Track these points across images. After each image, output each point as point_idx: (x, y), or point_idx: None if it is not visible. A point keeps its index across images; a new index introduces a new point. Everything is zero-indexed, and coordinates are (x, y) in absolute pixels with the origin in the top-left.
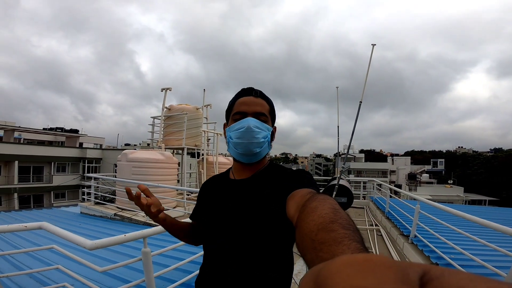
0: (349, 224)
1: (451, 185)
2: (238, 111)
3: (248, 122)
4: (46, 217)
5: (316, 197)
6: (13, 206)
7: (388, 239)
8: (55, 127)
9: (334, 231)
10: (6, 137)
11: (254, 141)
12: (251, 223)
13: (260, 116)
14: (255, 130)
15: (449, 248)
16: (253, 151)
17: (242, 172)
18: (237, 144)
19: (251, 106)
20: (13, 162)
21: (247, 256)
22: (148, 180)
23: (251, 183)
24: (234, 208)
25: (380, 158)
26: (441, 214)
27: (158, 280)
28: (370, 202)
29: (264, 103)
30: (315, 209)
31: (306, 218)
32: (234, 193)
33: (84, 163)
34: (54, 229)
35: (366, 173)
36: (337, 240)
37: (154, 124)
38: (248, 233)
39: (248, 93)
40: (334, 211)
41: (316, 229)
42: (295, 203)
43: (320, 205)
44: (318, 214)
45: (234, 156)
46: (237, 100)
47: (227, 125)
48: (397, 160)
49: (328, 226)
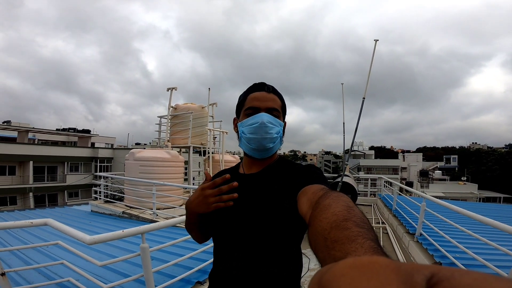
0: (363, 222)
1: (465, 182)
2: (251, 106)
3: (262, 118)
4: (57, 215)
5: (329, 194)
6: (28, 205)
7: (394, 237)
8: (68, 128)
9: (347, 229)
10: (21, 138)
11: (268, 136)
12: (259, 218)
13: (273, 111)
14: (269, 125)
15: (454, 246)
16: (266, 146)
17: (252, 167)
18: (250, 139)
19: (263, 101)
20: (27, 162)
21: (253, 251)
22: (155, 179)
23: (261, 178)
24: (243, 202)
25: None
26: (447, 212)
27: (157, 275)
28: (378, 199)
29: (276, 98)
30: (329, 207)
31: (319, 216)
32: (243, 188)
33: (96, 163)
34: (57, 225)
35: (377, 170)
36: (351, 238)
37: (161, 123)
38: (255, 228)
39: (260, 88)
40: (347, 209)
41: (329, 227)
42: (308, 200)
43: (334, 202)
44: (331, 212)
45: (246, 151)
46: (249, 95)
47: (238, 120)
48: (409, 157)
49: (342, 224)
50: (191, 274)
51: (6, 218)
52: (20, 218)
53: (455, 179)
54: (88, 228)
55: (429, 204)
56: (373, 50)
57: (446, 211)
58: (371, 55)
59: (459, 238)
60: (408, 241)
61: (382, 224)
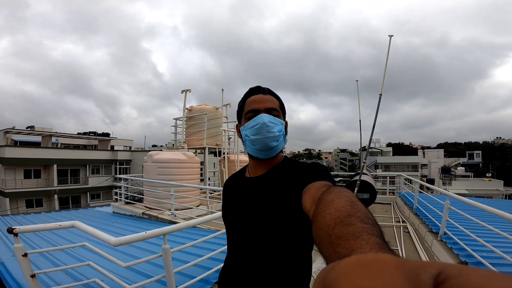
0: (367, 217)
1: (490, 179)
2: (250, 109)
3: (263, 118)
4: (82, 217)
5: (332, 189)
6: (53, 207)
7: (415, 236)
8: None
9: (352, 225)
10: (45, 143)
11: (270, 135)
12: (265, 222)
13: (272, 111)
14: (270, 124)
15: (480, 245)
16: (270, 145)
17: (257, 169)
18: (254, 140)
19: (262, 103)
20: (52, 166)
21: (260, 254)
22: (172, 180)
23: (266, 180)
24: (249, 206)
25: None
26: (472, 210)
27: (177, 276)
28: (398, 197)
29: (273, 99)
30: (331, 202)
31: (322, 212)
32: (248, 192)
33: (116, 165)
34: (84, 227)
35: (395, 167)
36: (355, 234)
37: (176, 125)
38: (262, 232)
39: (256, 91)
40: (351, 204)
41: (333, 223)
42: (311, 196)
43: (337, 198)
44: (334, 208)
45: (251, 153)
46: (247, 100)
47: (240, 125)
48: (429, 153)
49: (346, 219)
50: (210, 274)
51: (35, 220)
52: (47, 220)
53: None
54: (110, 229)
55: (452, 202)
56: (388, 45)
57: (471, 209)
58: (385, 47)
59: (485, 237)
60: (432, 240)
61: (402, 223)
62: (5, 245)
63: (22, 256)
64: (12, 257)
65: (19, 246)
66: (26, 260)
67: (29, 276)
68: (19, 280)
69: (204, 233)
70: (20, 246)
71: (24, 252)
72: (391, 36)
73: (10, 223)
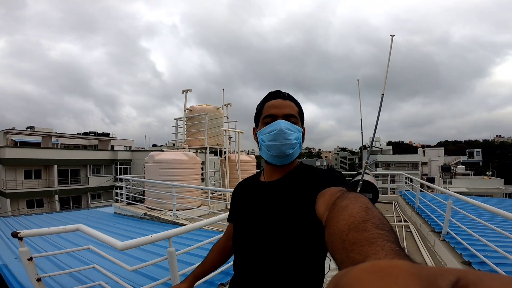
0: (383, 223)
1: (490, 177)
2: (268, 114)
3: (280, 125)
4: (83, 218)
5: (346, 195)
6: (54, 208)
7: (418, 235)
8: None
9: (366, 231)
10: (45, 143)
11: (287, 142)
12: (280, 228)
13: (290, 117)
14: (287, 132)
15: (483, 245)
16: (286, 152)
17: (273, 174)
18: (270, 146)
19: (280, 108)
20: (52, 166)
21: (273, 261)
22: (174, 180)
23: (282, 185)
24: (264, 211)
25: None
26: (474, 209)
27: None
28: (399, 196)
29: (292, 105)
30: (346, 208)
31: (336, 217)
32: (263, 196)
33: (116, 165)
34: (89, 231)
35: (395, 166)
36: (370, 240)
37: (177, 125)
38: (275, 238)
39: (276, 96)
40: (366, 210)
41: (347, 229)
42: (325, 202)
43: (351, 203)
44: (349, 213)
45: (266, 159)
46: (266, 104)
47: (257, 129)
48: (429, 152)
49: (360, 225)
50: (214, 276)
51: (37, 221)
52: (49, 221)
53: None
54: (113, 230)
55: (455, 201)
56: (390, 45)
57: (473, 208)
58: (386, 45)
59: (488, 237)
60: (434, 240)
61: (404, 223)
62: (8, 248)
63: (28, 260)
64: (16, 259)
65: (24, 250)
66: (31, 264)
67: (35, 280)
68: (24, 283)
69: (208, 233)
70: (25, 250)
71: (30, 256)
72: (393, 36)
73: (12, 224)
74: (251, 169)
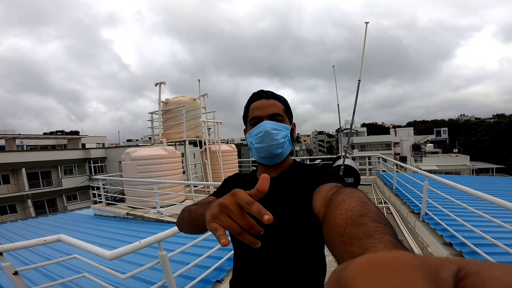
0: (380, 217)
1: (457, 154)
2: (253, 117)
3: (265, 126)
4: (62, 222)
5: (342, 190)
6: (29, 213)
7: (398, 217)
8: (56, 131)
9: (364, 224)
10: (8, 146)
11: (274, 143)
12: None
13: (275, 117)
14: (273, 132)
15: (460, 225)
16: (275, 153)
17: (267, 173)
18: (258, 148)
19: (264, 109)
20: (20, 170)
21: (274, 258)
22: (154, 177)
23: (277, 183)
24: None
25: (383, 130)
26: (448, 188)
27: (178, 279)
28: (377, 178)
29: (277, 103)
30: (342, 203)
31: (333, 212)
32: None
33: (90, 164)
34: (71, 241)
35: (370, 146)
36: (368, 233)
37: (153, 119)
38: (275, 234)
39: (259, 96)
40: (362, 204)
41: (345, 223)
42: (321, 198)
43: (347, 198)
44: (345, 208)
45: (257, 160)
46: (251, 106)
47: (246, 131)
48: (400, 132)
49: (357, 219)
50: (210, 273)
51: (13, 230)
52: (26, 228)
53: (447, 151)
54: (96, 233)
55: (430, 182)
56: (364, 33)
57: (447, 188)
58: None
59: (464, 216)
60: (414, 221)
61: (385, 204)
62: None
63: (13, 274)
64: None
65: (7, 265)
66: (18, 278)
67: None
68: None
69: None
70: (9, 265)
71: (15, 270)
72: (367, 23)
73: None
74: (232, 159)
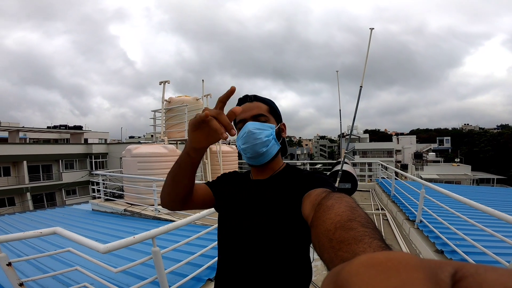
0: (368, 222)
1: (458, 164)
2: (239, 120)
3: (248, 127)
4: (60, 216)
5: (331, 195)
6: (27, 206)
7: (394, 224)
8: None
9: (353, 229)
10: (12, 138)
11: (258, 142)
12: (266, 223)
13: (259, 117)
14: (256, 131)
15: (453, 233)
16: (259, 151)
17: (259, 175)
18: (244, 149)
19: (248, 111)
20: (21, 162)
21: (259, 256)
22: (154, 174)
23: (268, 184)
24: (252, 207)
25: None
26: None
27: (170, 276)
28: (376, 185)
29: (260, 104)
30: (331, 208)
31: (322, 217)
32: (251, 192)
33: (91, 159)
34: (67, 234)
35: (372, 153)
36: (357, 238)
37: (155, 117)
38: (262, 233)
39: (243, 101)
40: (351, 209)
41: (334, 228)
42: (310, 202)
43: (337, 203)
44: (335, 213)
45: (246, 162)
46: None
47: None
48: (402, 139)
49: (346, 224)
50: (202, 272)
51: (10, 222)
52: (23, 221)
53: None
54: (93, 228)
55: (427, 190)
56: (369, 38)
57: (444, 197)
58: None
59: (457, 225)
60: (409, 228)
61: (381, 211)
62: None
63: (7, 265)
64: None
65: (1, 256)
66: (11, 269)
67: (17, 285)
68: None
69: (194, 228)
70: (3, 256)
71: (8, 261)
72: (372, 29)
73: None
74: (232, 159)
